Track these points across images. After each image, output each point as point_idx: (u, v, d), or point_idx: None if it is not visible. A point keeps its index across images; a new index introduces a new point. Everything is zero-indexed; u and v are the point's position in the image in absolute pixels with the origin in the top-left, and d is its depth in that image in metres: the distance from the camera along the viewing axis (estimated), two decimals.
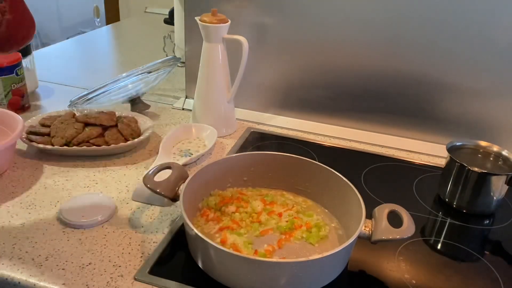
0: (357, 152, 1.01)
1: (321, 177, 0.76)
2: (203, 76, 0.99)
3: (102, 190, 0.81)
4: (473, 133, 1.00)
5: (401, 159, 0.98)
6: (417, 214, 0.80)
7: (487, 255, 0.72)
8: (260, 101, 1.14)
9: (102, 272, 0.63)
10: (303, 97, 1.10)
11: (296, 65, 1.08)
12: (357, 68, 1.04)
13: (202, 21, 0.94)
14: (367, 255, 0.69)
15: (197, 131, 1.00)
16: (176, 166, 0.72)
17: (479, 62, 0.96)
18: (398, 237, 0.62)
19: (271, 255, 0.65)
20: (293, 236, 0.69)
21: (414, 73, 1.00)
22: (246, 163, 0.79)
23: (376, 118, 1.07)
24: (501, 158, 0.83)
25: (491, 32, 0.93)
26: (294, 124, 1.10)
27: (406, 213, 0.65)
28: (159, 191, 0.68)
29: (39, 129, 0.92)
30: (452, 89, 0.99)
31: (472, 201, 0.81)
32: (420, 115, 1.04)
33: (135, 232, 0.71)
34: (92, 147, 0.88)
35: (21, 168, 0.86)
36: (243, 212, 0.73)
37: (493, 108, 0.98)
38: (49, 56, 1.54)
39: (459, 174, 0.81)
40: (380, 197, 0.83)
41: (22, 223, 0.71)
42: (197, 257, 0.64)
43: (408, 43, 0.98)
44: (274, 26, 1.05)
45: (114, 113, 0.97)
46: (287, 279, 0.58)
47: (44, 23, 3.31)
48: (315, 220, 0.72)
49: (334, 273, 0.63)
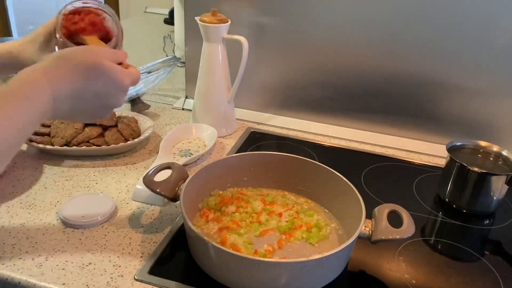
0: (357, 152, 1.01)
1: (321, 177, 0.76)
2: (203, 76, 0.99)
3: (102, 190, 0.81)
4: (473, 133, 1.00)
5: (401, 159, 0.98)
6: (417, 214, 0.80)
7: (487, 255, 0.72)
8: (260, 101, 1.14)
9: (102, 272, 0.63)
10: (303, 97, 1.10)
11: (296, 65, 1.08)
12: (357, 68, 1.04)
13: (202, 21, 0.94)
14: (367, 255, 0.69)
15: (197, 131, 1.00)
16: (176, 166, 0.72)
17: (479, 62, 0.96)
18: (398, 237, 0.62)
19: (271, 255, 0.65)
20: (293, 236, 0.69)
21: (414, 73, 1.00)
22: (246, 163, 0.79)
23: (376, 118, 1.07)
24: (501, 158, 0.83)
25: (491, 33, 0.93)
26: (294, 124, 1.10)
27: (406, 213, 0.65)
28: (159, 191, 0.68)
29: (39, 129, 0.92)
30: (452, 89, 0.99)
31: (472, 201, 0.81)
32: (420, 115, 1.04)
33: (135, 232, 0.71)
34: (92, 147, 0.88)
35: (21, 168, 0.86)
36: (243, 212, 0.73)
37: (493, 108, 0.98)
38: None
39: (459, 174, 0.81)
40: (380, 197, 0.83)
41: (22, 223, 0.71)
42: (197, 257, 0.64)
43: (408, 43, 0.98)
44: (274, 26, 1.05)
45: (114, 113, 0.97)
46: (287, 279, 0.58)
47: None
48: (315, 220, 0.72)
49: (334, 273, 0.63)
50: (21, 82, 0.48)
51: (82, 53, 0.53)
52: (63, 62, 0.52)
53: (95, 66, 0.52)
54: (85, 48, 0.55)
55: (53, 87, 0.49)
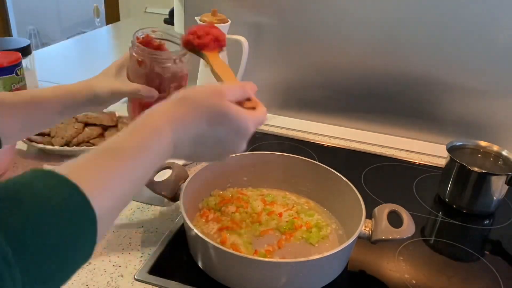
0: (357, 152, 1.01)
1: (321, 177, 0.76)
2: (203, 76, 0.99)
3: None
4: (473, 133, 1.00)
5: (401, 159, 0.98)
6: (417, 214, 0.80)
7: (487, 255, 0.72)
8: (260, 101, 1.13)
9: (102, 272, 0.63)
10: (303, 97, 1.10)
11: (296, 65, 1.08)
12: (357, 68, 1.04)
13: (202, 21, 0.94)
14: (367, 255, 0.69)
15: None
16: (176, 166, 0.72)
17: (480, 62, 0.96)
18: (398, 237, 0.62)
19: (271, 255, 0.65)
20: (293, 236, 0.69)
21: (414, 73, 1.00)
22: (246, 163, 0.79)
23: (376, 118, 1.07)
24: (501, 158, 0.83)
25: (491, 33, 0.93)
26: (294, 124, 1.10)
27: (406, 213, 0.65)
28: (159, 191, 0.68)
29: None
30: (452, 89, 0.99)
31: (472, 201, 0.81)
32: (420, 115, 1.04)
33: (135, 232, 0.71)
34: (92, 147, 0.88)
35: (21, 168, 0.86)
36: (243, 212, 0.73)
37: (493, 108, 0.98)
38: (49, 56, 1.54)
39: (459, 174, 0.81)
40: (380, 197, 0.83)
41: None
42: (197, 257, 0.64)
43: (409, 44, 0.98)
44: (274, 26, 1.05)
45: (114, 113, 0.97)
46: (287, 279, 0.58)
47: (44, 23, 3.32)
48: (315, 220, 0.72)
49: (334, 273, 0.63)
50: (145, 129, 0.45)
51: (208, 96, 0.49)
52: (188, 105, 0.48)
53: (220, 112, 0.49)
54: (212, 90, 0.51)
55: (176, 132, 0.46)
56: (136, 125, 0.45)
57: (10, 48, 1.10)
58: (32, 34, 3.28)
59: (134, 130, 0.45)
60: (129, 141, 0.44)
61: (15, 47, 1.12)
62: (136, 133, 0.45)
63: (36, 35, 3.31)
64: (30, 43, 1.16)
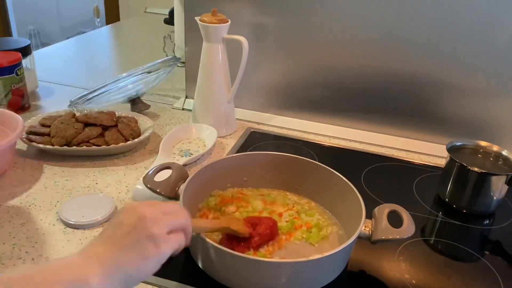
0: (357, 152, 1.01)
1: (321, 177, 0.76)
2: (203, 76, 0.99)
3: (102, 190, 0.81)
4: (473, 133, 1.00)
5: (401, 159, 0.98)
6: (417, 214, 0.80)
7: (487, 255, 0.72)
8: (260, 101, 1.14)
9: None
10: (303, 97, 1.10)
11: (296, 65, 1.08)
12: (357, 68, 1.04)
13: (202, 21, 0.94)
14: (367, 255, 0.69)
15: (197, 131, 1.00)
16: (176, 166, 0.72)
17: (479, 62, 0.96)
18: (398, 237, 0.62)
19: (271, 255, 0.65)
20: (293, 236, 0.69)
21: (414, 73, 1.00)
22: (246, 163, 0.79)
23: (376, 118, 1.07)
24: (501, 158, 0.83)
25: (491, 33, 0.93)
26: (294, 124, 1.10)
27: (406, 213, 0.65)
28: (159, 191, 0.68)
29: (39, 129, 0.92)
30: (452, 89, 0.99)
31: (472, 201, 0.81)
32: (420, 115, 1.04)
33: None
34: (92, 147, 0.88)
35: (21, 168, 0.86)
36: (243, 212, 0.73)
37: (493, 108, 0.98)
38: (49, 56, 1.54)
39: (459, 174, 0.81)
40: (380, 197, 0.83)
41: (22, 223, 0.71)
42: (197, 257, 0.64)
43: (409, 43, 0.98)
44: (274, 26, 1.05)
45: (114, 113, 0.97)
46: (287, 279, 0.58)
47: (44, 23, 3.31)
48: (316, 220, 0.72)
49: (334, 273, 0.63)
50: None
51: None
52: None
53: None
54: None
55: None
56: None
57: (10, 48, 1.10)
58: (32, 34, 3.28)
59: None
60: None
61: (15, 47, 1.12)
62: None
63: (36, 35, 3.31)
64: (30, 43, 1.16)
